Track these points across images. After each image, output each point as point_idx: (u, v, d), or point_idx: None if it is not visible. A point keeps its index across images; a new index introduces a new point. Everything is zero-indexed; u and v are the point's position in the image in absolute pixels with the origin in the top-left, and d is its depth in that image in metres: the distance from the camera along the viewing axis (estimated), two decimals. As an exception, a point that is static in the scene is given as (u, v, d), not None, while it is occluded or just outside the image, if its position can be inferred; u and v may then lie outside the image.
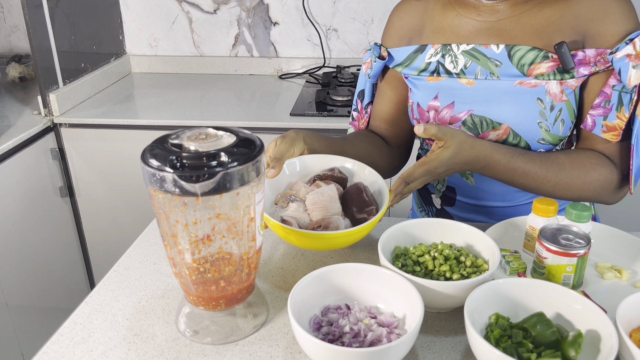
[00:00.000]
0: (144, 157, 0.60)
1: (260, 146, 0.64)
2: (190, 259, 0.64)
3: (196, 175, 0.57)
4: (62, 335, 0.70)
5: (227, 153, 0.60)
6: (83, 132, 1.74)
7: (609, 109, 0.85)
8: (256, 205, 0.64)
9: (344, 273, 0.71)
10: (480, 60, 0.89)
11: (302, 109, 1.76)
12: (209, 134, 0.64)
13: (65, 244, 1.85)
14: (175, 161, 0.58)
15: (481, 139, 0.85)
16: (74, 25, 1.85)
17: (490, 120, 0.89)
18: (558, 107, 0.87)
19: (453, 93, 0.92)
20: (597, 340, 0.61)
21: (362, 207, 0.82)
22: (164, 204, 0.61)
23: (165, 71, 2.23)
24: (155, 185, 0.59)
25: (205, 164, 0.58)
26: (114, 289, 0.79)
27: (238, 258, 0.65)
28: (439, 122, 0.93)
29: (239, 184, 0.60)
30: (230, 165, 0.59)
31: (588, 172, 0.85)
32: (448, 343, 0.69)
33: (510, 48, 0.87)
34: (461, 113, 0.92)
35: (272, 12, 2.10)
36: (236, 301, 0.69)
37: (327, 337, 0.65)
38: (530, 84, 0.87)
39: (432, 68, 0.94)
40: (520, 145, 0.90)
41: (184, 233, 0.62)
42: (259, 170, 0.63)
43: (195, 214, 0.60)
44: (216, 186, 0.58)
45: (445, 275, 0.72)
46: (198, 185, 0.58)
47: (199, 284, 0.66)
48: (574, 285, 0.75)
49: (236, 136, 0.64)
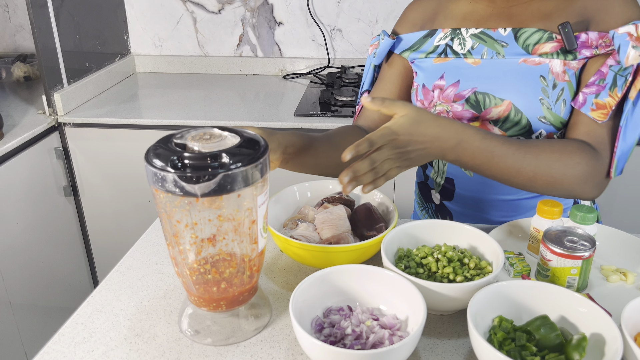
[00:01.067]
0: (147, 156, 0.60)
1: (264, 148, 0.63)
2: (191, 260, 0.64)
3: (196, 176, 0.57)
4: (63, 335, 0.70)
5: (229, 154, 0.59)
6: (87, 131, 1.75)
7: (602, 86, 0.84)
8: (258, 208, 0.64)
9: (347, 274, 0.71)
10: (487, 42, 0.92)
11: (306, 109, 1.76)
12: (214, 135, 0.64)
13: (68, 243, 1.85)
14: (177, 161, 0.58)
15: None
16: (79, 24, 1.85)
17: (493, 96, 0.90)
18: (560, 86, 0.88)
19: (459, 72, 0.93)
20: (602, 343, 0.61)
21: (371, 224, 0.83)
22: (166, 203, 0.60)
23: (170, 71, 2.23)
24: (157, 185, 0.59)
25: (206, 165, 0.58)
26: (116, 289, 0.79)
27: (239, 260, 0.65)
28: (443, 100, 0.94)
29: (241, 186, 0.59)
30: (231, 167, 0.58)
31: (570, 156, 0.81)
32: (451, 346, 0.68)
33: (517, 30, 0.90)
34: (465, 90, 0.92)
35: (276, 12, 2.10)
36: (238, 303, 0.68)
37: (328, 339, 0.64)
38: (534, 61, 0.88)
39: (440, 50, 0.96)
40: (522, 122, 0.89)
41: (185, 233, 0.62)
42: (262, 172, 0.62)
43: (196, 215, 0.60)
44: (216, 187, 0.58)
45: (449, 277, 0.72)
46: (198, 186, 0.57)
47: (200, 285, 0.66)
48: (579, 288, 0.74)
49: (240, 137, 0.64)
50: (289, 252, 0.80)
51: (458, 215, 1.03)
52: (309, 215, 0.87)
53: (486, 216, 0.99)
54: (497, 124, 0.92)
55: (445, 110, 0.94)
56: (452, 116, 0.94)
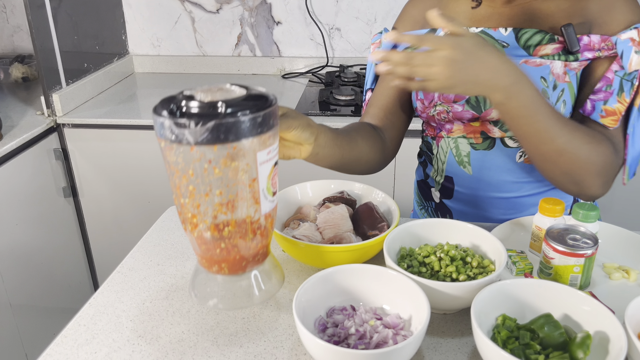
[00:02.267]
0: (156, 105, 0.60)
1: (270, 102, 0.61)
2: (190, 214, 0.62)
3: (189, 123, 0.56)
4: (65, 336, 0.70)
5: (227, 104, 0.57)
6: (86, 132, 1.74)
7: (610, 92, 0.85)
8: (259, 165, 0.61)
9: (350, 274, 0.70)
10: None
11: (305, 108, 1.75)
12: (223, 88, 0.63)
13: (68, 244, 1.85)
14: (175, 109, 0.57)
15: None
16: (77, 25, 1.85)
17: None
18: (560, 87, 0.88)
19: None
20: (606, 341, 0.61)
21: (373, 224, 0.82)
22: (165, 151, 0.60)
23: (168, 71, 2.22)
24: (158, 132, 0.59)
25: (200, 112, 0.57)
26: (118, 290, 0.78)
27: (240, 220, 0.63)
28: (443, 101, 0.93)
29: (236, 138, 0.57)
30: (225, 115, 0.56)
31: (599, 144, 0.81)
32: (454, 344, 0.68)
33: (518, 31, 0.89)
34: None
35: (274, 12, 2.10)
36: (241, 268, 0.66)
37: (332, 339, 0.64)
38: (535, 62, 0.88)
39: None
40: None
41: (183, 184, 0.60)
42: (263, 127, 0.59)
43: (192, 165, 0.59)
44: (209, 136, 0.56)
45: (452, 276, 0.72)
46: (190, 132, 0.56)
47: (202, 244, 0.64)
48: (582, 286, 0.74)
49: (247, 91, 0.62)
50: (291, 252, 0.80)
51: (457, 213, 1.03)
52: (311, 215, 0.87)
53: (486, 214, 0.99)
54: (497, 125, 0.92)
55: (445, 110, 0.94)
56: (451, 116, 0.94)
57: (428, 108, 0.96)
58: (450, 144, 0.98)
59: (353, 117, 1.68)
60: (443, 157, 1.00)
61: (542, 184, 0.96)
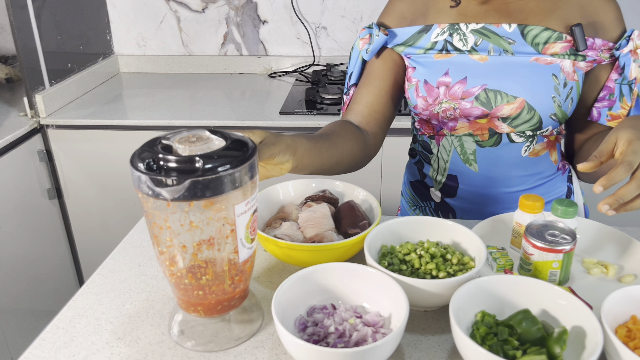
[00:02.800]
0: (133, 156, 0.60)
1: (249, 153, 0.60)
2: (168, 263, 0.63)
3: (165, 180, 0.55)
4: (44, 340, 0.69)
5: (205, 159, 0.57)
6: (71, 133, 1.73)
7: (613, 100, 0.93)
8: (237, 217, 0.61)
9: (330, 273, 0.70)
10: (491, 39, 0.91)
11: (292, 107, 1.75)
12: (201, 137, 0.62)
13: (54, 247, 1.83)
14: (152, 162, 0.57)
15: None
16: (60, 25, 1.83)
17: (505, 94, 0.90)
18: (570, 85, 0.91)
19: (465, 69, 0.92)
20: (583, 336, 0.61)
21: (355, 222, 0.82)
22: (143, 203, 0.60)
23: (154, 71, 2.21)
24: (136, 184, 0.59)
25: (177, 169, 0.56)
26: (98, 292, 0.78)
27: (218, 269, 0.63)
28: (450, 98, 0.92)
29: (213, 194, 0.57)
30: (202, 173, 0.56)
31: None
32: (434, 341, 0.68)
33: (523, 27, 0.90)
34: (474, 88, 0.91)
35: (260, 11, 2.09)
36: (217, 311, 0.67)
37: (312, 338, 0.64)
38: (546, 60, 0.90)
39: (440, 47, 0.94)
40: (534, 120, 0.91)
41: (161, 236, 0.61)
42: (242, 180, 0.59)
43: (169, 219, 0.59)
44: (186, 193, 0.56)
45: (432, 274, 0.72)
46: (166, 190, 0.56)
47: (179, 289, 0.65)
48: (561, 281, 0.74)
49: (225, 141, 0.61)
50: (273, 252, 0.80)
51: (460, 211, 1.03)
52: (293, 214, 0.86)
53: (490, 210, 0.99)
54: (507, 121, 0.92)
55: (452, 108, 0.93)
56: (459, 113, 0.93)
57: (432, 106, 0.95)
58: (454, 142, 0.97)
59: (339, 115, 1.68)
60: (446, 155, 0.99)
61: (544, 175, 0.99)
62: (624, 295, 0.64)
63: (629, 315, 0.65)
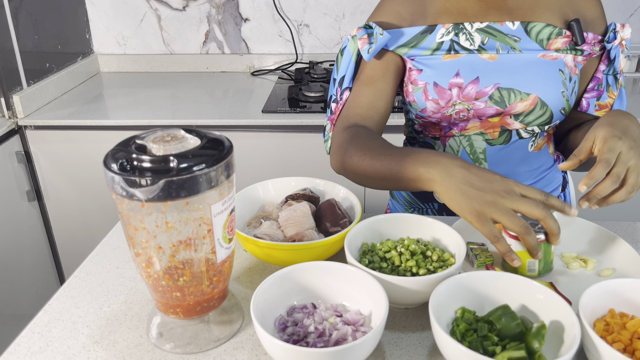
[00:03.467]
0: (106, 156, 0.59)
1: (225, 152, 0.59)
2: (144, 264, 0.62)
3: (139, 180, 0.54)
4: (19, 345, 0.68)
5: (180, 158, 0.56)
6: (49, 134, 1.70)
7: (601, 91, 0.97)
8: (214, 217, 0.60)
9: (309, 272, 0.70)
10: (497, 37, 0.91)
11: (275, 105, 1.74)
12: (175, 136, 0.61)
13: (34, 249, 1.80)
14: (126, 163, 0.56)
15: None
16: (38, 24, 1.80)
17: (518, 91, 0.91)
18: (574, 79, 0.94)
19: (476, 68, 0.91)
20: (561, 330, 0.61)
21: (335, 220, 0.82)
22: (118, 204, 0.59)
23: (135, 70, 2.18)
24: (109, 185, 0.57)
25: (151, 168, 0.55)
26: (75, 296, 0.76)
27: (195, 269, 0.63)
28: (464, 99, 0.91)
29: (188, 193, 0.56)
30: (177, 173, 0.55)
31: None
32: (415, 339, 0.68)
33: (527, 24, 0.91)
34: (487, 87, 0.90)
35: (242, 8, 2.08)
36: (196, 313, 0.66)
37: (292, 338, 0.64)
38: (551, 56, 0.92)
39: (447, 47, 0.92)
40: (545, 115, 0.93)
41: (136, 237, 0.60)
42: (218, 179, 0.58)
43: (143, 220, 0.58)
44: (160, 193, 0.55)
45: (412, 271, 0.72)
46: (140, 190, 0.55)
47: (157, 291, 0.64)
48: (540, 272, 0.75)
49: (201, 140, 0.60)
50: (253, 251, 0.79)
51: None
52: (273, 214, 0.86)
53: None
54: (519, 118, 0.92)
55: (465, 109, 0.92)
56: (473, 114, 0.92)
57: (445, 108, 0.92)
58: (463, 142, 0.96)
59: (322, 113, 1.67)
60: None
61: (544, 168, 1.01)
62: (601, 289, 0.65)
63: (607, 309, 0.65)
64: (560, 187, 1.05)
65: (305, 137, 1.67)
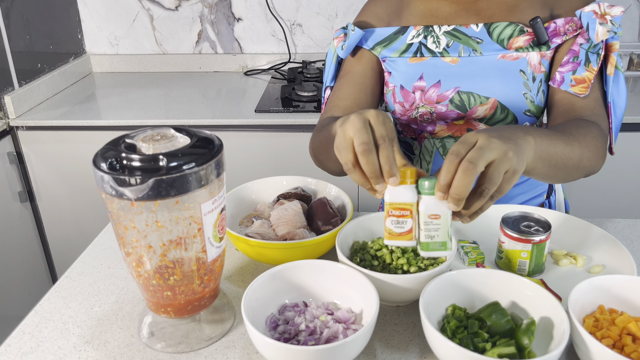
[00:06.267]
0: (95, 156, 0.58)
1: (215, 150, 0.59)
2: (134, 264, 0.62)
3: (128, 179, 0.54)
4: (9, 345, 0.68)
5: (169, 157, 0.56)
6: (41, 134, 1.69)
7: (577, 63, 0.88)
8: (204, 216, 0.60)
9: (300, 270, 0.70)
10: (461, 40, 0.91)
11: (268, 105, 1.74)
12: (165, 135, 0.61)
13: (27, 250, 1.79)
14: (115, 162, 0.56)
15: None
16: (29, 24, 1.79)
17: (477, 95, 0.90)
18: (538, 77, 0.90)
19: (438, 72, 0.92)
20: (550, 327, 0.62)
21: (327, 219, 0.82)
22: (107, 204, 0.59)
23: (128, 70, 2.18)
24: (99, 185, 0.57)
25: (141, 167, 0.55)
26: (65, 296, 0.76)
27: (186, 268, 0.62)
28: (426, 102, 0.92)
29: (178, 192, 0.56)
30: (167, 172, 0.54)
31: (590, 129, 0.81)
32: (406, 336, 0.68)
33: (489, 26, 0.90)
34: (448, 91, 0.91)
35: (235, 8, 2.08)
36: (187, 312, 0.66)
37: (283, 336, 0.64)
38: (512, 56, 0.89)
39: (414, 49, 0.93)
40: (508, 118, 0.91)
41: (127, 236, 0.60)
42: (208, 178, 0.58)
43: (133, 219, 0.58)
44: (150, 192, 0.55)
45: (403, 269, 0.72)
46: (129, 189, 0.54)
47: (148, 290, 0.64)
48: (530, 272, 0.75)
49: (191, 139, 0.60)
50: (245, 250, 0.79)
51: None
52: (265, 212, 0.86)
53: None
54: (483, 122, 0.92)
55: (428, 112, 0.92)
56: (436, 117, 0.93)
57: (409, 111, 0.94)
58: (436, 143, 0.97)
59: (315, 112, 1.67)
60: (428, 157, 0.99)
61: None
62: (591, 286, 0.65)
63: (597, 305, 0.66)
64: (545, 194, 1.02)
65: (298, 137, 1.67)
